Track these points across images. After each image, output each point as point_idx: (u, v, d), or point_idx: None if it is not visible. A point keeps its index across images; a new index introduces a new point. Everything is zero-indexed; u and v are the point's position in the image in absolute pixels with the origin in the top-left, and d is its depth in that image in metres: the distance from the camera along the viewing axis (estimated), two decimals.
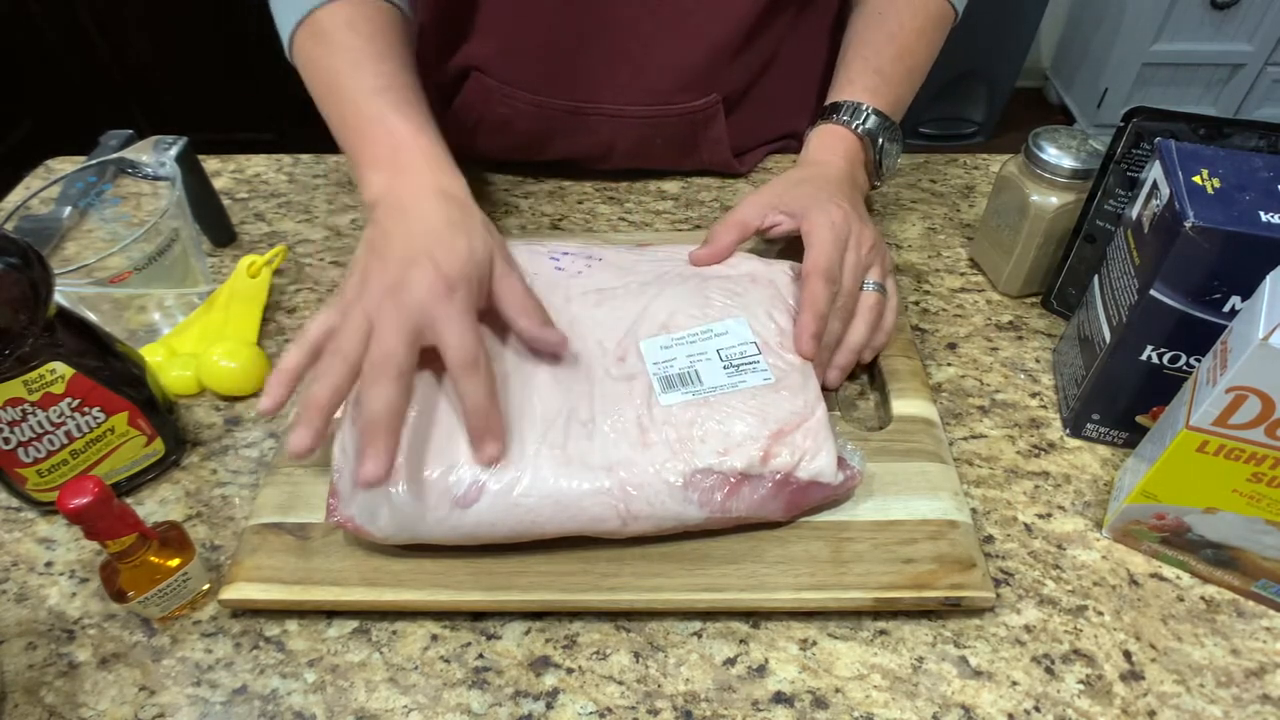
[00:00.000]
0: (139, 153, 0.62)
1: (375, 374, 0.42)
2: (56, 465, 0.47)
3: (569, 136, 0.72)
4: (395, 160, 0.52)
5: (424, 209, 0.49)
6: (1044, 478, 0.52)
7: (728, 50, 0.68)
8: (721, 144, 0.74)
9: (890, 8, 0.66)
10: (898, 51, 0.64)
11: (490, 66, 0.69)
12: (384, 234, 0.48)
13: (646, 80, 0.68)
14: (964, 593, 0.44)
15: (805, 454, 0.45)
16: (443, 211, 0.49)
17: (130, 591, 0.42)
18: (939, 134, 2.38)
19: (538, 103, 0.70)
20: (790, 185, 0.58)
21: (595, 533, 0.44)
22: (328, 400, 0.42)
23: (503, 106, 0.71)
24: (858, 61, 0.64)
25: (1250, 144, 0.50)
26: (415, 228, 0.48)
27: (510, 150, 0.76)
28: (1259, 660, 0.43)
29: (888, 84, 0.63)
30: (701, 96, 0.70)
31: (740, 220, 0.56)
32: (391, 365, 0.42)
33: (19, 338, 0.42)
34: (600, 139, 0.72)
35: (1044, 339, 0.61)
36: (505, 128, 0.73)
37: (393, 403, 0.41)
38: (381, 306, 0.44)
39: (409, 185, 0.51)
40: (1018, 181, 0.59)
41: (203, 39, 1.98)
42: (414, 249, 0.46)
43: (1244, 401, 0.38)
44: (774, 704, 0.42)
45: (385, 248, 0.47)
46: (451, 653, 0.44)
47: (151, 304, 0.61)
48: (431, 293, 0.44)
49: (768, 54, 0.72)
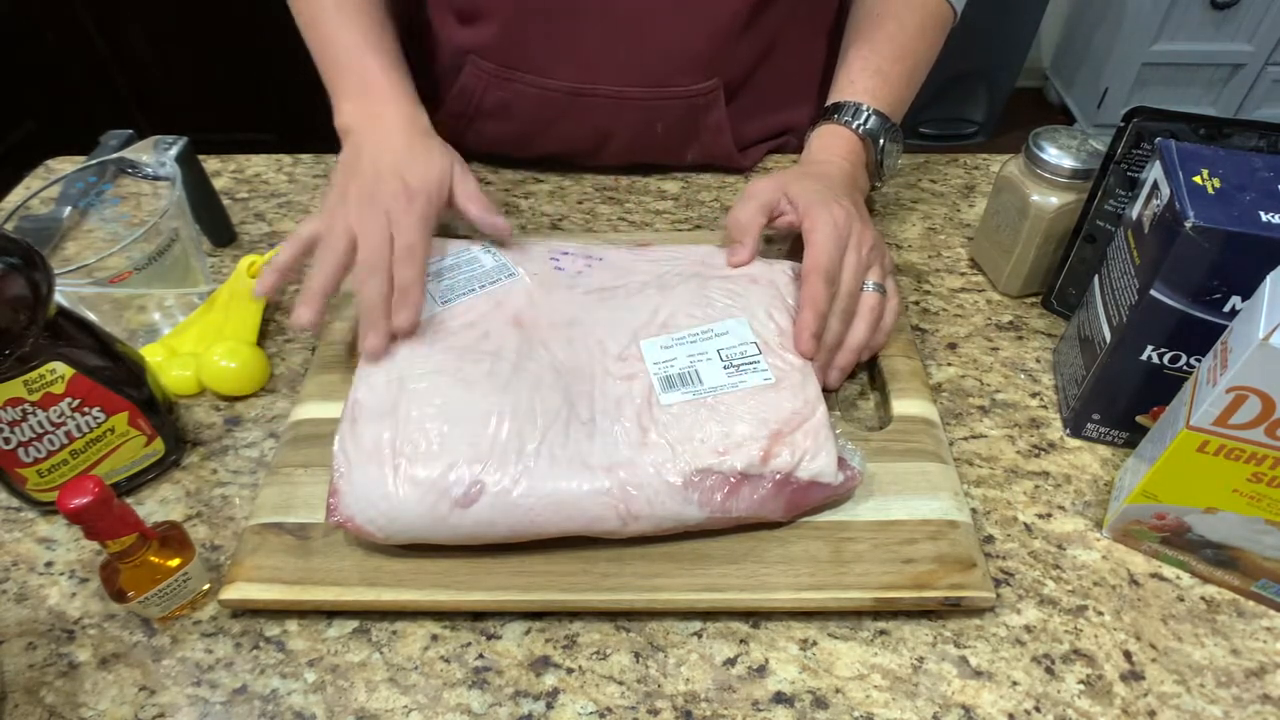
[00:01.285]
0: (139, 153, 0.62)
1: (368, 270, 0.51)
2: (56, 465, 0.47)
3: (568, 122, 0.72)
4: (366, 92, 0.61)
5: (389, 133, 0.59)
6: (1044, 478, 0.52)
7: (728, 33, 0.68)
8: (722, 133, 0.74)
9: (889, 8, 0.66)
10: (898, 52, 0.64)
11: (490, 50, 0.69)
12: (355, 155, 0.58)
13: (647, 62, 0.68)
14: (964, 593, 0.44)
15: (805, 454, 0.45)
16: (405, 135, 0.59)
17: (130, 591, 0.42)
18: (939, 134, 2.38)
19: (538, 84, 0.70)
20: (795, 178, 0.57)
21: (595, 533, 0.44)
22: (324, 284, 0.51)
23: (502, 90, 0.71)
24: (858, 62, 0.64)
25: (1250, 144, 0.50)
26: (384, 150, 0.57)
27: (507, 140, 0.76)
28: (1259, 660, 0.43)
29: (888, 84, 0.63)
30: (702, 80, 0.70)
31: (758, 204, 0.56)
32: (379, 261, 0.51)
33: (19, 338, 0.42)
34: (599, 125, 0.72)
35: (1044, 339, 0.61)
36: (503, 113, 0.72)
37: (384, 290, 0.51)
38: (361, 215, 0.53)
39: (378, 114, 0.60)
40: (1018, 181, 0.59)
41: (203, 39, 1.98)
42: (382, 166, 0.56)
43: (1244, 401, 0.38)
44: (774, 704, 0.42)
45: (357, 165, 0.57)
46: (451, 653, 0.44)
47: (151, 304, 0.61)
48: (396, 200, 0.54)
49: (767, 40, 0.71)
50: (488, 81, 0.71)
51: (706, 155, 0.76)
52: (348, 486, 0.44)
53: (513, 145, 0.76)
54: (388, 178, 0.55)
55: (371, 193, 0.54)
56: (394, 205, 0.53)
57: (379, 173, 0.55)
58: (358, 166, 0.56)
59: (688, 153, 0.76)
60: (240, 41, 1.95)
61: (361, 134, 0.59)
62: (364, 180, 0.55)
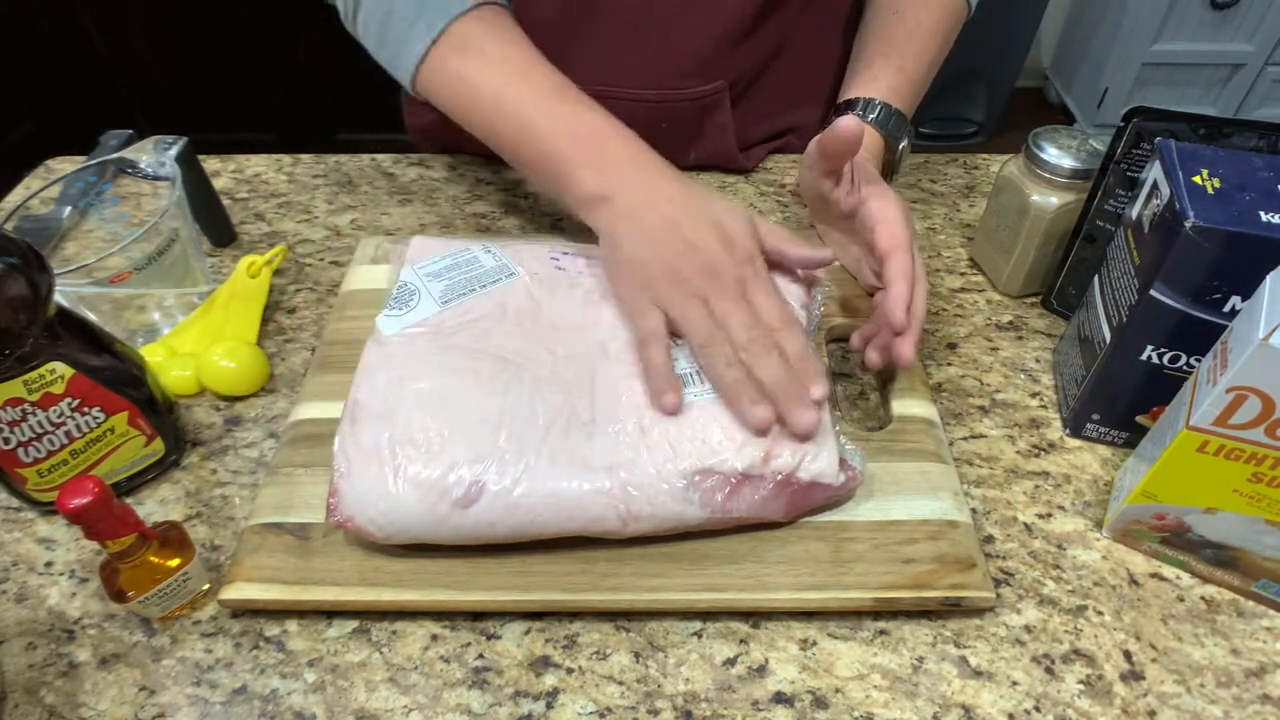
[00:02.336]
0: (139, 153, 0.62)
1: (756, 350, 0.45)
2: (56, 465, 0.47)
3: None
4: (604, 153, 0.51)
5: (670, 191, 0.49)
6: (1044, 478, 0.52)
7: (734, 35, 0.67)
8: (726, 133, 0.74)
9: (908, 6, 0.65)
10: (918, 49, 0.64)
11: None
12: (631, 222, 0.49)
13: (654, 65, 0.68)
14: (964, 593, 0.44)
15: (806, 454, 0.45)
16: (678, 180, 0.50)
17: (130, 591, 0.42)
18: (939, 134, 2.38)
19: None
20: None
21: (595, 533, 0.44)
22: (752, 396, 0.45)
23: None
24: (879, 59, 0.64)
25: (1250, 144, 0.50)
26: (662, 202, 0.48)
27: None
28: (1259, 660, 0.43)
29: (910, 83, 0.63)
30: (709, 82, 0.70)
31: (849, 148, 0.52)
32: (765, 336, 0.45)
33: (19, 338, 0.42)
34: None
35: (1044, 339, 0.61)
36: None
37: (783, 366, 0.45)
38: (710, 290, 0.46)
39: (638, 174, 0.50)
40: (1018, 181, 0.59)
41: (203, 39, 1.98)
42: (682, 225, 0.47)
43: (1244, 401, 0.38)
44: (774, 704, 0.42)
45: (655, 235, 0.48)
46: (451, 653, 0.44)
47: (151, 304, 0.61)
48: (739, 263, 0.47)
49: (775, 42, 0.71)
50: None
51: (709, 155, 0.76)
52: (348, 486, 0.44)
53: None
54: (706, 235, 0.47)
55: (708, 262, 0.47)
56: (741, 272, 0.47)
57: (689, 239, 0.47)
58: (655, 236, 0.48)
59: (690, 152, 0.76)
60: (240, 41, 1.96)
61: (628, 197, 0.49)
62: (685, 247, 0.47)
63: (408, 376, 0.48)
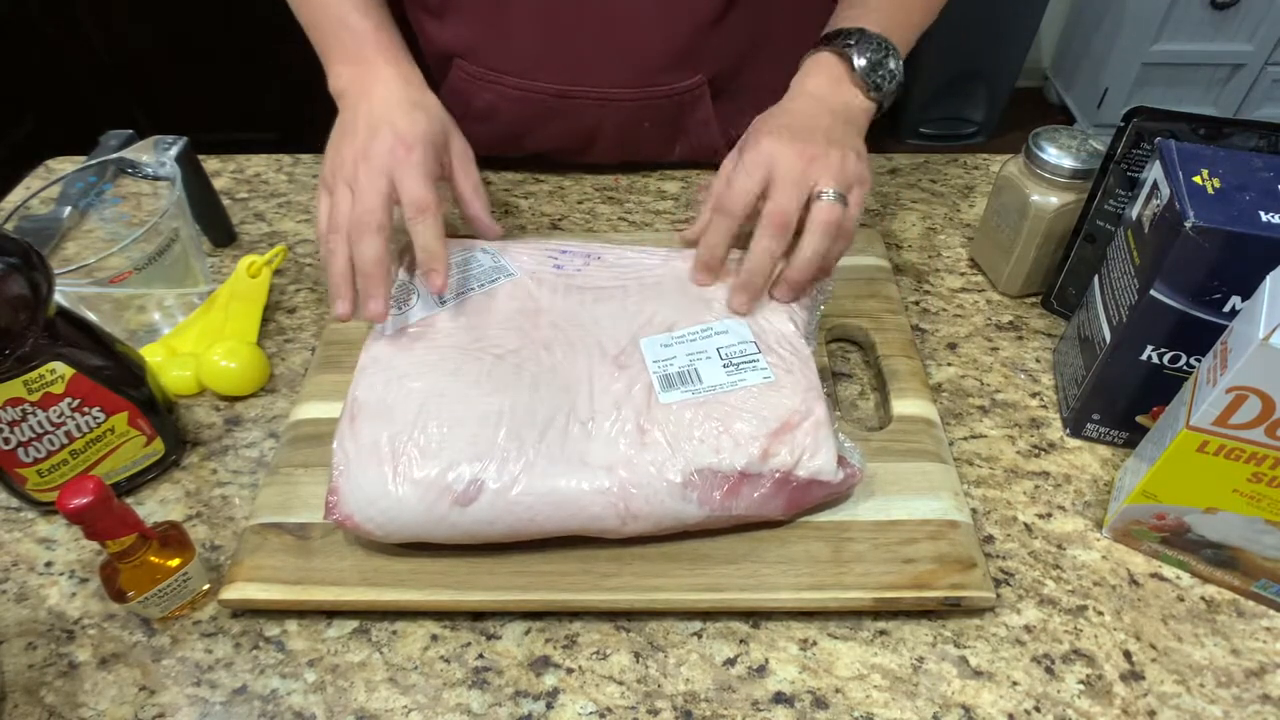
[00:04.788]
0: (139, 153, 0.62)
1: (360, 231, 0.50)
2: (56, 465, 0.47)
3: (555, 123, 0.72)
4: (359, 54, 0.59)
5: (383, 90, 0.57)
6: (1044, 478, 0.52)
7: (707, 23, 0.67)
8: (709, 126, 0.74)
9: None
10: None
11: (473, 53, 0.69)
12: (351, 115, 0.56)
13: (630, 61, 0.68)
14: (964, 593, 0.44)
15: (805, 452, 0.45)
16: (400, 91, 0.57)
17: (130, 591, 0.42)
18: (939, 134, 2.38)
19: (523, 87, 0.70)
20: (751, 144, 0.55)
21: (595, 532, 0.44)
22: (344, 272, 0.50)
23: (487, 93, 0.71)
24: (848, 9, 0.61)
25: (1250, 144, 0.50)
26: (377, 105, 0.56)
27: (494, 142, 0.76)
28: (1259, 660, 0.43)
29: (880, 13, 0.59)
30: (688, 77, 0.70)
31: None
32: (372, 220, 0.50)
33: (19, 338, 0.42)
34: (586, 125, 0.72)
35: (1044, 339, 0.61)
36: (490, 116, 0.72)
37: (378, 253, 0.49)
38: (356, 172, 0.52)
39: (370, 73, 0.58)
40: (1018, 181, 0.59)
41: (203, 39, 1.98)
42: (376, 121, 0.54)
43: (1244, 401, 0.38)
44: (774, 704, 0.42)
45: (353, 125, 0.55)
46: (451, 653, 0.44)
47: (151, 304, 0.61)
48: (393, 153, 0.52)
49: (751, 32, 0.71)
50: (473, 85, 0.70)
51: (694, 152, 0.76)
52: (347, 485, 0.44)
53: (501, 146, 0.76)
54: (382, 130, 0.53)
55: (365, 147, 0.52)
56: (389, 158, 0.52)
57: (374, 127, 0.54)
58: (353, 126, 0.55)
59: (675, 148, 0.76)
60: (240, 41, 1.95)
61: (356, 94, 0.58)
62: (358, 137, 0.54)
63: (407, 375, 0.48)
